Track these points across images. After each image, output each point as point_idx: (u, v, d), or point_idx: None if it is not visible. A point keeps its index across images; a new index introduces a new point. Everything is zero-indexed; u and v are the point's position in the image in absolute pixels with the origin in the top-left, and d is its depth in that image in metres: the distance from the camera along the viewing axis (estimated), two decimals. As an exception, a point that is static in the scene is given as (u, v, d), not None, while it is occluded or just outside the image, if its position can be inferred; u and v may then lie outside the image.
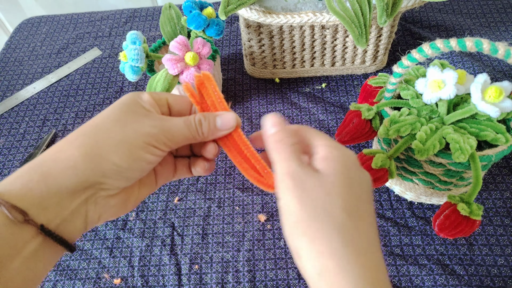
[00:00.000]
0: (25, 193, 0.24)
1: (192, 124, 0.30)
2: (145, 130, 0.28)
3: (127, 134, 0.27)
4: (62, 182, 0.26)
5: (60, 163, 0.26)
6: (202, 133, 0.30)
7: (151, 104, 0.30)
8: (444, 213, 0.40)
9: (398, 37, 0.73)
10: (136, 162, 0.28)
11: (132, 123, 0.28)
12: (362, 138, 0.48)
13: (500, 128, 0.41)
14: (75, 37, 0.81)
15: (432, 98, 0.42)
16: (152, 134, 0.28)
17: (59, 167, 0.26)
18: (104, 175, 0.27)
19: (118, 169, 0.27)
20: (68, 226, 0.26)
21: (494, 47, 0.31)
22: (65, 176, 0.26)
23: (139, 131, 0.28)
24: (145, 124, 0.28)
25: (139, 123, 0.28)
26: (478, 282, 0.46)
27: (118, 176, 0.27)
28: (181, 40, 0.51)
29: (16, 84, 0.74)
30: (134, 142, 0.27)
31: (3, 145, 0.65)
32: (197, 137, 0.30)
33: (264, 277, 0.49)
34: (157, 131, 0.28)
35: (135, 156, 0.27)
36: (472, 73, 0.65)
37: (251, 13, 0.54)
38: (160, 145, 0.28)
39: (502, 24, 0.73)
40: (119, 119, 0.28)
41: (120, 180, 0.28)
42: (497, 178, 0.54)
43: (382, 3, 0.48)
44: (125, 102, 0.29)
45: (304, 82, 0.68)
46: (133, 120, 0.28)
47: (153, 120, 0.29)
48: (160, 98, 0.31)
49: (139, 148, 0.27)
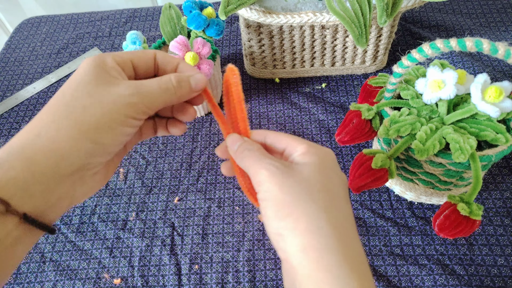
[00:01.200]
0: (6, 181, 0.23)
1: (170, 86, 0.29)
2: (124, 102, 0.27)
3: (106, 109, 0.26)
4: (47, 168, 0.25)
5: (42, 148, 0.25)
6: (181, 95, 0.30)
7: (116, 69, 0.28)
8: (444, 213, 0.40)
9: (398, 37, 0.73)
10: (119, 137, 0.27)
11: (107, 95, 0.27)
12: (362, 138, 0.48)
13: (500, 128, 0.41)
14: (75, 37, 0.81)
15: (432, 98, 0.42)
16: (132, 104, 0.27)
17: (42, 153, 0.25)
18: (89, 156, 0.26)
19: (102, 147, 0.27)
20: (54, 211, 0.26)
21: (494, 47, 0.31)
22: (50, 162, 0.25)
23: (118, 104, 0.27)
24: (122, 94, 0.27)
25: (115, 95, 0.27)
26: (478, 282, 0.46)
27: (103, 153, 0.27)
28: (181, 40, 0.51)
29: (16, 84, 0.74)
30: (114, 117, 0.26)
31: (3, 145, 0.65)
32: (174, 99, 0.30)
33: (264, 277, 0.49)
34: (136, 100, 0.27)
35: (117, 131, 0.27)
36: (472, 73, 0.65)
37: (251, 13, 0.54)
38: (140, 115, 0.28)
39: (502, 24, 0.73)
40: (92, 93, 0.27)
41: (105, 157, 0.28)
42: (497, 178, 0.54)
43: (382, 3, 0.48)
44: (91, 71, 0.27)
45: (304, 82, 0.68)
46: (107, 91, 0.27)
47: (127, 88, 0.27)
48: (123, 60, 0.29)
49: (120, 123, 0.27)
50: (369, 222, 0.52)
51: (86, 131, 0.26)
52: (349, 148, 0.59)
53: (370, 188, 0.46)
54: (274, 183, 0.26)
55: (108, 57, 0.28)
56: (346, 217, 0.27)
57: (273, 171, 0.27)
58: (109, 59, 0.28)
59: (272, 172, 0.27)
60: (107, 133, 0.26)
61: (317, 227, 0.25)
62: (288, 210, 0.26)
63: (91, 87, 0.27)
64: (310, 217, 0.25)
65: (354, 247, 0.26)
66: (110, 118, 0.26)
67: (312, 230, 0.25)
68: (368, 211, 0.53)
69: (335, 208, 0.26)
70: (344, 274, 0.24)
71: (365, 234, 0.51)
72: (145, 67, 0.31)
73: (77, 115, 0.26)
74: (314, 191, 0.26)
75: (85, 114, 0.26)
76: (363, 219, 0.52)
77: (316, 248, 0.25)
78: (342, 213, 0.27)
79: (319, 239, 0.25)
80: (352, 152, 0.59)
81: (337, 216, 0.26)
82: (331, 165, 0.29)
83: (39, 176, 0.24)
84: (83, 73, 0.27)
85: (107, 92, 0.27)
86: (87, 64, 0.28)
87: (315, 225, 0.25)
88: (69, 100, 0.26)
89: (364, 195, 0.54)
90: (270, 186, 0.26)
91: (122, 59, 0.29)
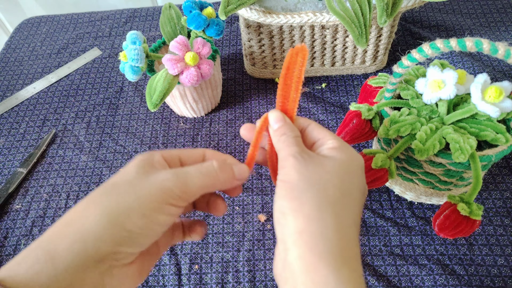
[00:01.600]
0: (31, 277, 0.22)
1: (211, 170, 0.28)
2: (158, 186, 0.26)
3: (139, 195, 0.26)
4: (70, 259, 0.23)
5: (67, 239, 0.24)
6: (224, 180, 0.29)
7: (162, 163, 0.29)
8: (444, 213, 0.40)
9: (398, 37, 0.73)
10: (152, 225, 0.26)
11: (144, 182, 0.26)
12: (362, 138, 0.48)
13: (500, 128, 0.41)
14: (75, 37, 0.81)
15: (432, 98, 0.42)
16: (166, 188, 0.26)
17: (66, 243, 0.24)
18: (116, 243, 0.25)
19: (133, 235, 0.25)
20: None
21: (494, 47, 0.31)
22: (73, 253, 0.24)
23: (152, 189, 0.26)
24: (157, 179, 0.26)
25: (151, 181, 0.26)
26: (478, 282, 0.46)
27: (130, 243, 0.25)
28: (181, 40, 0.51)
29: (16, 84, 0.74)
30: (147, 203, 0.25)
31: (3, 145, 0.65)
32: (216, 186, 0.29)
33: (264, 277, 0.49)
34: (171, 184, 0.26)
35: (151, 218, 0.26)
36: (472, 73, 0.65)
37: (251, 13, 0.54)
38: (176, 201, 0.27)
39: (502, 24, 0.73)
40: (131, 182, 0.26)
41: (133, 247, 0.26)
42: (497, 178, 0.54)
43: (382, 3, 0.48)
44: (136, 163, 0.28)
45: (304, 82, 0.68)
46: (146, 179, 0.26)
47: (165, 174, 0.27)
48: (171, 156, 0.30)
49: (153, 210, 0.26)
50: (369, 222, 0.52)
51: (116, 216, 0.25)
52: (349, 148, 0.59)
53: (370, 188, 0.46)
54: (296, 169, 0.27)
55: (157, 153, 0.29)
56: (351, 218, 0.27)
57: (299, 160, 0.28)
58: (157, 155, 0.29)
59: (298, 160, 0.28)
60: (139, 220, 0.25)
61: (320, 216, 0.26)
62: (298, 193, 0.26)
63: (131, 177, 0.27)
64: (316, 205, 0.26)
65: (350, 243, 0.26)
66: (143, 204, 0.25)
67: (314, 217, 0.26)
68: (368, 211, 0.53)
69: (344, 206, 0.27)
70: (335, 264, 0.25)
71: (365, 234, 0.51)
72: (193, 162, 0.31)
73: (109, 202, 0.25)
74: (330, 185, 0.27)
75: (118, 200, 0.25)
76: (363, 219, 0.52)
77: (312, 234, 0.25)
78: (349, 213, 0.27)
79: (317, 227, 0.25)
80: (352, 152, 0.59)
81: (343, 213, 0.27)
82: (355, 169, 0.29)
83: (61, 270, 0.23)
84: (129, 167, 0.28)
85: (146, 180, 0.26)
86: (135, 159, 0.28)
87: (318, 214, 0.26)
88: (107, 188, 0.26)
89: (364, 195, 0.54)
90: (291, 171, 0.28)
91: (170, 155, 0.30)
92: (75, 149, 0.63)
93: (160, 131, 0.64)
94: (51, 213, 0.56)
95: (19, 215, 0.56)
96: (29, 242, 0.53)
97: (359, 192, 0.29)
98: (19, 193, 0.59)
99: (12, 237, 0.54)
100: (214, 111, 0.66)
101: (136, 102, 0.68)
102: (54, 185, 0.59)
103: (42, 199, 0.58)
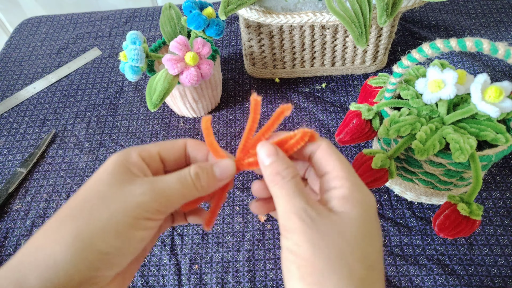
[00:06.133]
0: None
1: (188, 179, 0.26)
2: (133, 201, 0.24)
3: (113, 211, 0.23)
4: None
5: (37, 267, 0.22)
6: (201, 187, 0.26)
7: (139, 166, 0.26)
8: (444, 213, 0.40)
9: (398, 37, 0.73)
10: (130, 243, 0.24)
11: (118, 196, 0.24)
12: (362, 138, 0.48)
13: (500, 128, 0.41)
14: (75, 37, 0.81)
15: (432, 98, 0.42)
16: (142, 203, 0.24)
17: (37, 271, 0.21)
18: (91, 268, 0.22)
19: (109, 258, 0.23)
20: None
21: (494, 47, 0.31)
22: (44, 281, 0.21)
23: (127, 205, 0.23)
24: (132, 193, 0.24)
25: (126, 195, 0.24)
26: (478, 282, 0.46)
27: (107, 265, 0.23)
28: (181, 40, 0.51)
29: (16, 84, 0.74)
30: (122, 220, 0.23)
31: (3, 145, 0.65)
32: (196, 194, 0.26)
33: (264, 277, 0.49)
34: (148, 198, 0.24)
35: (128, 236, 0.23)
36: (472, 73, 0.65)
37: (251, 13, 0.54)
38: (154, 215, 0.24)
39: (502, 24, 0.73)
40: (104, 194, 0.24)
41: (111, 269, 0.24)
42: (497, 178, 0.54)
43: (382, 3, 0.48)
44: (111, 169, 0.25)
45: (304, 82, 0.68)
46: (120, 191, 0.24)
47: (141, 186, 0.24)
48: (150, 154, 0.27)
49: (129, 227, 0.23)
50: (369, 222, 0.52)
51: (89, 239, 0.22)
52: (349, 148, 0.59)
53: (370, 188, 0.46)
54: (307, 239, 0.23)
55: (134, 153, 0.26)
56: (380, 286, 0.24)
57: (307, 223, 0.23)
58: (134, 155, 0.26)
59: (306, 224, 0.23)
60: (114, 240, 0.23)
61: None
62: (317, 278, 0.22)
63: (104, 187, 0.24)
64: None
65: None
66: (117, 221, 0.23)
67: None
68: (368, 211, 0.52)
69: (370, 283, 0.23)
70: None
71: (365, 234, 0.51)
72: (174, 158, 0.28)
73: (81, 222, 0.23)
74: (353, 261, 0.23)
75: (90, 220, 0.23)
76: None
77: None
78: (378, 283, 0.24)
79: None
80: (352, 152, 0.59)
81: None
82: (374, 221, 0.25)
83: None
84: (102, 172, 0.25)
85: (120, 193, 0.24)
86: (110, 161, 0.26)
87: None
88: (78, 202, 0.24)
89: (364, 195, 0.54)
90: (301, 241, 0.23)
91: (148, 154, 0.27)
92: (75, 149, 0.63)
93: (160, 131, 0.64)
94: (51, 213, 0.56)
95: (19, 215, 0.56)
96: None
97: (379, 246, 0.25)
98: (19, 193, 0.59)
99: (12, 237, 0.54)
100: (214, 111, 0.66)
101: (136, 102, 0.68)
102: (54, 185, 0.59)
103: (42, 199, 0.58)
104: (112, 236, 0.23)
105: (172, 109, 0.66)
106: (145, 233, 0.24)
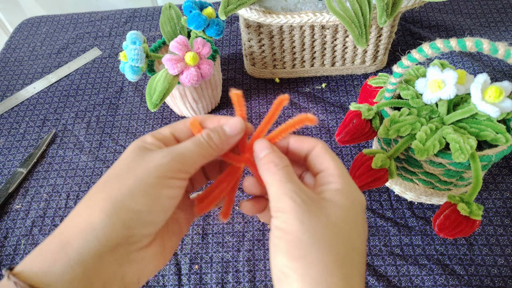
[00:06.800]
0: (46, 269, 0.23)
1: (201, 140, 0.28)
2: (156, 163, 0.26)
3: (138, 176, 0.26)
4: (81, 248, 0.23)
5: (77, 228, 0.24)
6: (215, 145, 0.29)
7: (156, 144, 0.28)
8: (444, 213, 0.40)
9: (398, 37, 0.73)
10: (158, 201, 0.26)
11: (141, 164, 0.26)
12: (362, 138, 0.48)
13: (500, 128, 0.41)
14: (75, 37, 0.81)
15: (432, 98, 0.42)
16: (163, 164, 0.26)
17: (77, 232, 0.24)
18: (125, 226, 0.24)
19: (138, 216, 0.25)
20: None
21: (494, 47, 0.31)
22: (85, 242, 0.24)
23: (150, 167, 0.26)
24: (153, 158, 0.27)
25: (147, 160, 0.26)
26: (478, 282, 0.46)
27: (140, 223, 0.25)
28: (181, 40, 0.51)
29: (16, 84, 0.74)
30: (147, 181, 0.25)
31: (3, 145, 0.65)
32: (212, 152, 0.29)
33: (264, 277, 0.49)
34: (168, 159, 0.26)
35: (155, 195, 0.26)
36: (472, 73, 0.65)
37: (251, 13, 0.54)
38: (176, 174, 0.27)
39: (502, 24, 0.73)
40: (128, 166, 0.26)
41: (145, 226, 0.26)
42: (497, 178, 0.54)
43: (382, 3, 0.48)
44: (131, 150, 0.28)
45: (304, 82, 0.68)
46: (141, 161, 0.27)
47: (161, 152, 0.27)
48: (164, 136, 0.30)
49: (154, 186, 0.26)
50: (369, 222, 0.52)
51: (120, 201, 0.25)
52: (349, 148, 0.59)
53: (370, 188, 0.46)
54: (296, 218, 0.25)
55: (148, 136, 0.29)
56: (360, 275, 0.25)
57: (298, 203, 0.25)
58: (148, 137, 0.29)
59: (297, 204, 0.25)
60: (143, 198, 0.25)
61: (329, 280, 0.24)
62: (303, 252, 0.24)
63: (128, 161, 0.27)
64: (324, 268, 0.24)
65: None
66: (143, 182, 0.25)
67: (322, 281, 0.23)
68: (368, 211, 0.53)
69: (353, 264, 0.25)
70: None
71: (365, 234, 0.51)
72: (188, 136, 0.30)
73: (111, 189, 0.25)
74: (337, 242, 0.25)
75: (120, 186, 0.25)
76: (363, 219, 0.52)
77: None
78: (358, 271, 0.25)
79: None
80: (352, 152, 0.59)
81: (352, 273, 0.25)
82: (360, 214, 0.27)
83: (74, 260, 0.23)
84: (124, 155, 0.28)
85: (142, 161, 0.26)
86: (129, 147, 0.28)
87: (327, 278, 0.24)
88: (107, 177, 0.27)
89: (364, 195, 0.54)
90: (291, 219, 0.25)
91: (162, 135, 0.29)
92: (75, 149, 0.63)
93: (160, 131, 0.64)
94: (51, 213, 0.56)
95: (19, 215, 0.56)
96: (29, 242, 0.54)
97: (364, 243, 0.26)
98: (19, 193, 0.59)
99: (12, 237, 0.54)
100: (214, 111, 0.66)
101: (136, 102, 0.68)
102: (54, 185, 0.59)
103: (42, 199, 0.58)
104: (141, 195, 0.25)
105: (172, 109, 0.66)
106: (171, 191, 0.26)
